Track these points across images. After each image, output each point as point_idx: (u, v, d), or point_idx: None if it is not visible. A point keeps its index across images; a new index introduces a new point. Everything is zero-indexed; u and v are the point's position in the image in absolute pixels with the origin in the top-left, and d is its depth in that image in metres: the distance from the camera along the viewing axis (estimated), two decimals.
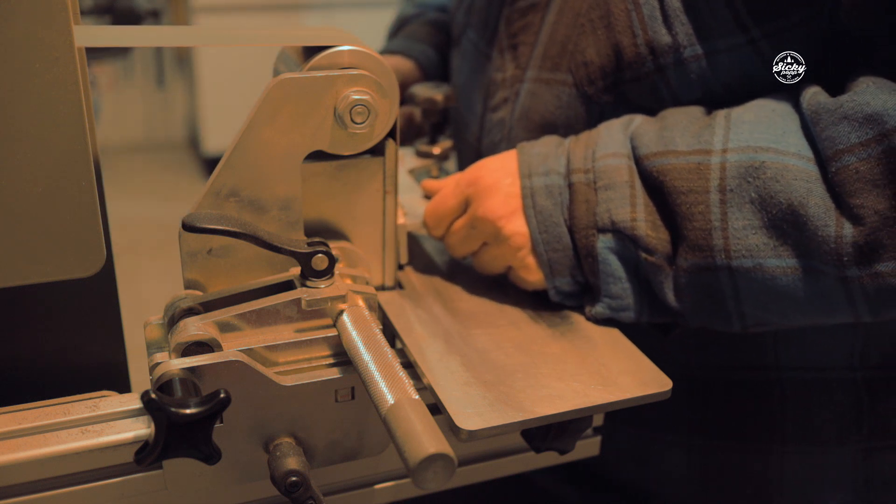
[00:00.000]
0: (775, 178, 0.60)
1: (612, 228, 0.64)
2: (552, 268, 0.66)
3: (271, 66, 0.69)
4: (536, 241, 0.66)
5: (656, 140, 0.65)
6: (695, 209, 0.62)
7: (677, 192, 0.63)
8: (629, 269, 0.65)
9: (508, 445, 0.67)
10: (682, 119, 0.66)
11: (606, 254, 0.65)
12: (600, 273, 0.65)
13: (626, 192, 0.64)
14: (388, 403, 0.48)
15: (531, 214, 0.66)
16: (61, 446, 0.52)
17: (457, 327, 0.65)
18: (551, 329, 0.65)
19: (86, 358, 0.61)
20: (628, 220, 0.64)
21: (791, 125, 0.62)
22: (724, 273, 0.62)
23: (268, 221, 0.61)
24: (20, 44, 0.46)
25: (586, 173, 0.66)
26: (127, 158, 3.81)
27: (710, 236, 0.61)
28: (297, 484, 0.52)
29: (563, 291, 0.67)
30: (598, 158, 0.66)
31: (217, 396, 0.48)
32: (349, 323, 0.56)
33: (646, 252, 0.64)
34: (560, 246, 0.66)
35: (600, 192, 0.65)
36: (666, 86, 0.68)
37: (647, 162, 0.64)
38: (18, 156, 0.48)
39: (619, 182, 0.65)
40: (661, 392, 0.58)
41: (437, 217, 0.71)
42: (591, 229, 0.65)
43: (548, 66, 0.75)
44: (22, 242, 0.50)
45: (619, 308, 0.66)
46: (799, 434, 0.75)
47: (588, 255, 0.65)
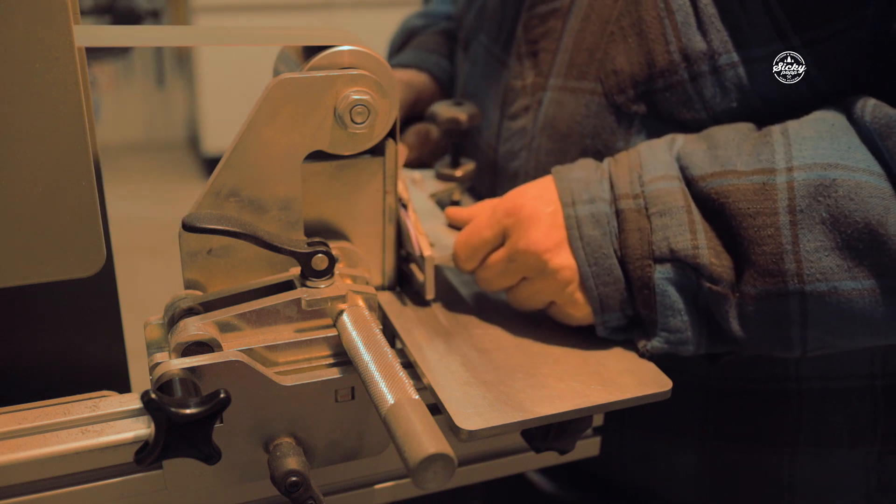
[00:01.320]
0: (849, 196, 0.57)
1: (672, 258, 0.61)
2: (602, 303, 0.63)
3: (271, 66, 0.69)
4: (586, 275, 0.62)
5: (710, 160, 0.62)
6: (763, 232, 0.59)
7: (742, 215, 0.59)
8: (688, 301, 0.62)
9: (508, 445, 0.67)
10: (733, 136, 0.63)
11: (665, 285, 0.61)
12: (657, 306, 0.61)
13: (684, 217, 0.61)
14: (388, 403, 0.48)
15: (578, 246, 0.62)
16: (61, 446, 0.52)
17: (457, 327, 0.65)
18: (551, 329, 0.65)
19: (86, 358, 0.61)
20: (689, 249, 0.60)
21: (853, 140, 0.59)
22: (796, 299, 0.59)
23: (268, 221, 0.61)
24: (20, 44, 0.46)
25: (636, 199, 0.62)
26: (127, 158, 3.81)
27: (782, 260, 0.58)
28: (297, 484, 0.52)
29: (611, 326, 0.64)
30: (646, 182, 0.62)
31: (217, 396, 0.48)
32: (349, 323, 0.56)
33: (710, 281, 0.60)
34: (611, 279, 0.62)
35: (654, 218, 0.61)
36: (699, 95, 0.65)
37: (702, 183, 0.61)
38: (18, 156, 0.48)
39: (674, 207, 0.61)
40: (660, 392, 0.58)
41: (472, 249, 0.66)
42: (647, 259, 0.61)
43: (574, 74, 0.72)
44: (22, 242, 0.50)
45: (678, 342, 0.62)
46: (812, 438, 0.74)
47: (644, 287, 0.61)
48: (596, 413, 0.57)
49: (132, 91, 3.93)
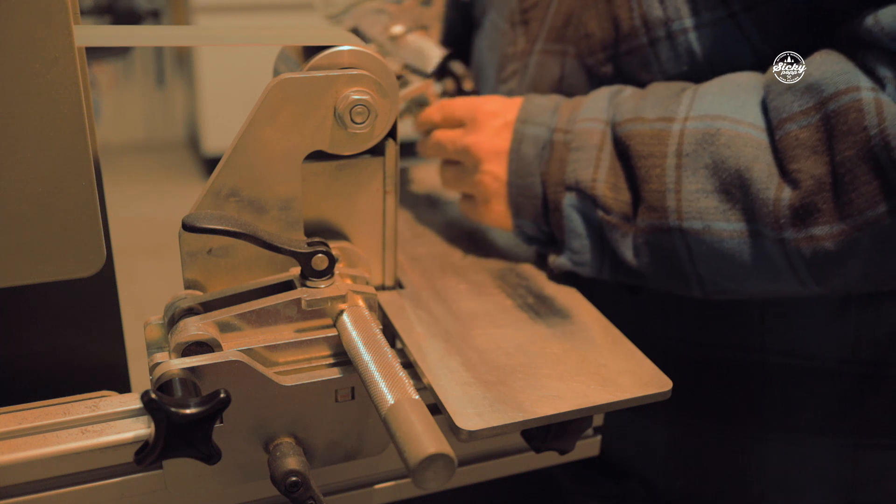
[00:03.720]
0: (727, 144, 0.63)
1: (576, 187, 0.69)
2: (518, 209, 0.72)
3: (271, 66, 0.69)
4: (510, 184, 0.72)
5: (631, 109, 0.69)
6: (652, 172, 0.66)
7: (638, 156, 0.66)
8: (590, 228, 0.70)
9: (508, 445, 0.67)
10: (662, 91, 0.69)
11: (570, 210, 0.69)
12: (564, 228, 0.70)
13: (593, 154, 0.69)
14: (388, 403, 0.48)
15: (513, 158, 0.72)
16: (61, 446, 0.52)
17: (457, 327, 0.65)
18: (551, 329, 0.65)
19: (86, 358, 0.61)
20: (589, 181, 0.68)
21: (752, 98, 0.65)
22: (678, 234, 0.65)
23: (268, 221, 0.61)
24: (20, 44, 0.46)
25: (566, 133, 0.71)
26: (127, 158, 3.81)
27: (665, 198, 0.65)
28: (297, 484, 0.52)
29: (525, 233, 0.73)
30: (577, 121, 0.70)
31: (217, 396, 0.48)
32: (349, 323, 0.56)
33: (603, 211, 0.68)
34: (530, 194, 0.71)
35: (572, 152, 0.70)
36: (656, 59, 0.71)
37: (618, 128, 0.69)
38: (18, 155, 0.48)
39: (588, 145, 0.69)
40: (661, 392, 0.58)
41: (441, 115, 0.77)
42: (560, 186, 0.70)
43: (553, 37, 0.78)
44: (22, 242, 0.50)
45: (579, 262, 0.70)
46: (779, 422, 0.76)
47: (555, 209, 0.70)
48: (596, 413, 0.57)
49: (132, 91, 3.92)
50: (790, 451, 0.77)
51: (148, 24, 3.55)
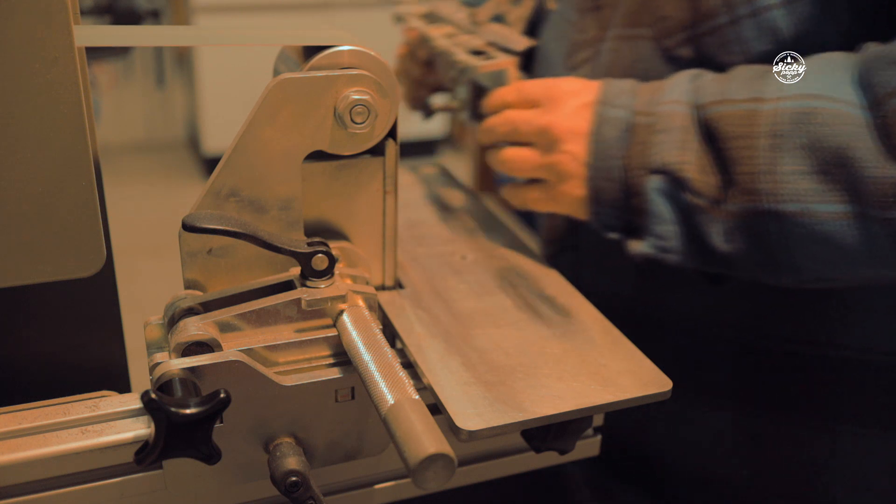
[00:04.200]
0: (825, 122, 0.60)
1: (663, 170, 0.66)
2: (598, 194, 0.69)
3: (271, 66, 0.69)
4: (591, 167, 0.69)
5: (716, 91, 0.67)
6: (743, 153, 0.63)
7: (728, 138, 0.64)
8: (677, 213, 0.67)
9: (508, 445, 0.67)
10: (746, 73, 0.67)
11: (655, 195, 0.67)
12: (647, 213, 0.67)
13: (679, 136, 0.66)
14: (388, 403, 0.48)
15: (594, 141, 0.69)
16: (61, 446, 0.52)
17: (457, 327, 0.65)
18: (551, 329, 0.65)
19: (86, 358, 0.61)
20: (677, 163, 0.66)
21: (846, 76, 0.62)
22: (772, 218, 0.62)
23: (268, 221, 0.61)
24: (20, 44, 0.46)
25: (648, 116, 0.68)
26: (127, 158, 3.81)
27: (758, 180, 0.62)
28: (297, 484, 0.52)
29: (603, 221, 0.70)
30: (659, 104, 0.68)
31: (217, 396, 0.48)
32: (349, 323, 0.56)
33: (692, 194, 0.65)
34: (610, 177, 0.68)
35: (657, 135, 0.67)
36: (738, 38, 0.69)
37: (703, 110, 0.66)
38: (18, 155, 0.48)
39: (674, 127, 0.67)
40: (661, 392, 0.58)
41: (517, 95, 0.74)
42: (643, 169, 0.67)
43: (628, 22, 0.77)
44: (22, 242, 0.50)
45: (665, 249, 0.67)
46: (853, 415, 0.75)
47: (637, 193, 0.67)
48: (596, 413, 0.57)
49: (132, 91, 3.93)
50: (861, 445, 0.76)
51: (148, 24, 3.54)
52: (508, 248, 0.79)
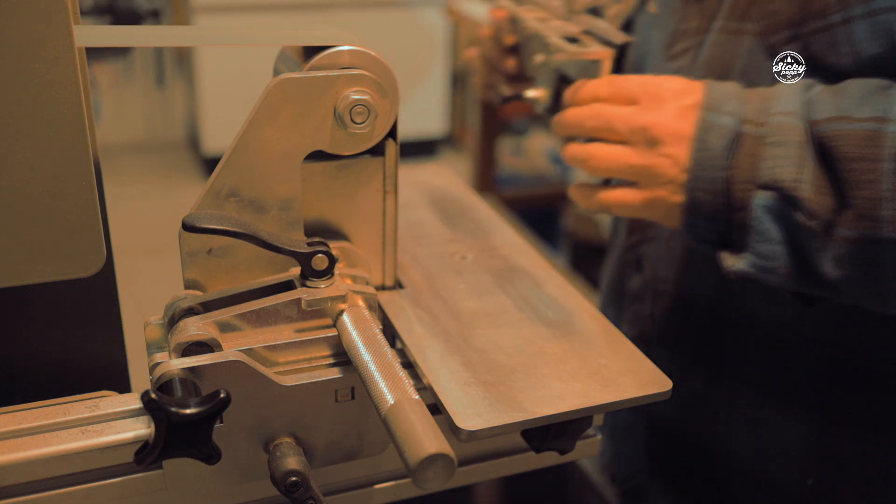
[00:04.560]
0: None
1: (774, 187, 0.63)
2: (695, 206, 0.66)
3: (271, 66, 0.69)
4: (692, 177, 0.65)
5: (831, 106, 0.63)
6: (864, 177, 0.60)
7: (847, 159, 0.61)
8: (783, 232, 0.63)
9: (508, 445, 0.67)
10: (860, 88, 0.64)
11: (762, 212, 0.63)
12: (751, 230, 0.64)
13: (796, 152, 0.63)
14: (388, 403, 0.48)
15: (698, 148, 0.65)
16: (61, 446, 0.52)
17: (457, 327, 0.65)
18: (551, 329, 0.65)
19: (86, 358, 0.61)
20: (791, 181, 0.62)
21: None
22: (890, 247, 0.59)
23: (268, 221, 0.61)
24: (20, 44, 0.46)
25: (758, 126, 0.65)
26: (127, 158, 3.81)
27: (879, 206, 0.59)
28: (297, 484, 0.52)
29: (697, 234, 0.67)
30: (773, 114, 0.65)
31: (217, 396, 0.48)
32: (349, 323, 0.56)
33: (805, 216, 0.62)
34: (712, 189, 0.65)
35: (769, 148, 0.64)
36: (849, 39, 0.66)
37: (817, 127, 0.63)
38: (18, 155, 0.48)
39: (791, 141, 0.63)
40: (661, 392, 0.58)
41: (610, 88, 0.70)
42: (751, 184, 0.63)
43: (736, 15, 0.74)
44: (22, 242, 0.50)
45: (766, 269, 0.64)
46: None
47: (741, 208, 0.64)
48: (596, 413, 0.57)
49: (132, 91, 3.93)
50: None
51: (148, 24, 3.55)
52: (508, 248, 0.79)
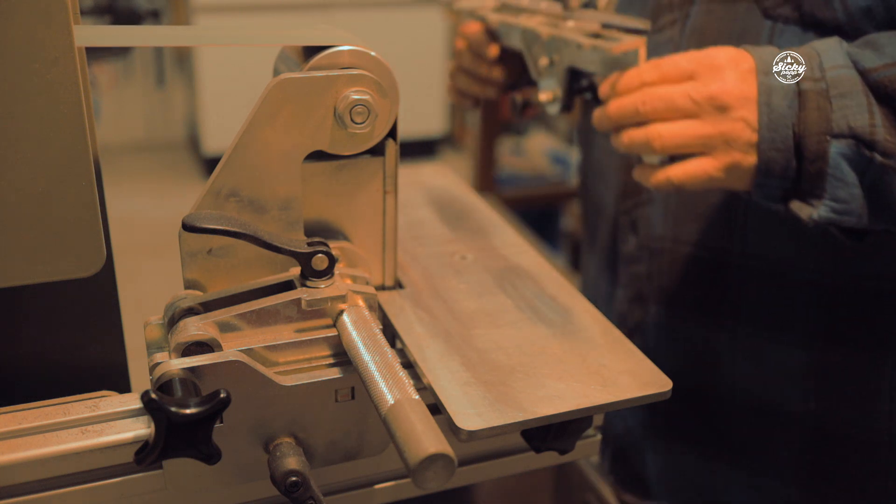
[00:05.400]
0: None
1: (850, 134, 0.66)
2: (769, 167, 0.68)
3: (271, 66, 0.69)
4: (763, 139, 0.68)
5: (878, 56, 0.67)
6: None
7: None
8: (860, 176, 0.67)
9: (508, 445, 0.67)
10: (894, 38, 0.67)
11: (839, 159, 0.66)
12: (829, 177, 0.67)
13: (864, 100, 0.66)
14: (388, 403, 0.48)
15: (765, 111, 0.68)
16: (61, 446, 0.52)
17: (457, 327, 0.65)
18: (551, 329, 0.65)
19: (86, 358, 0.61)
20: (867, 126, 0.66)
21: None
22: None
23: (268, 221, 0.61)
24: (20, 44, 0.46)
25: (817, 81, 0.67)
26: (127, 158, 3.81)
27: None
28: (297, 484, 0.52)
29: (766, 192, 0.70)
30: (827, 69, 0.68)
31: (217, 396, 0.48)
32: (349, 323, 0.56)
33: (883, 156, 0.65)
34: (783, 147, 0.68)
35: (835, 100, 0.67)
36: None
37: (874, 74, 0.66)
38: (18, 155, 0.48)
39: (854, 91, 0.66)
40: (661, 392, 0.58)
41: (658, 70, 0.71)
42: (825, 135, 0.66)
43: None
44: (22, 242, 0.50)
45: (844, 212, 0.68)
46: None
47: (818, 159, 0.67)
48: (596, 413, 0.57)
49: (132, 91, 3.93)
50: None
51: (148, 24, 3.55)
52: (508, 248, 0.79)
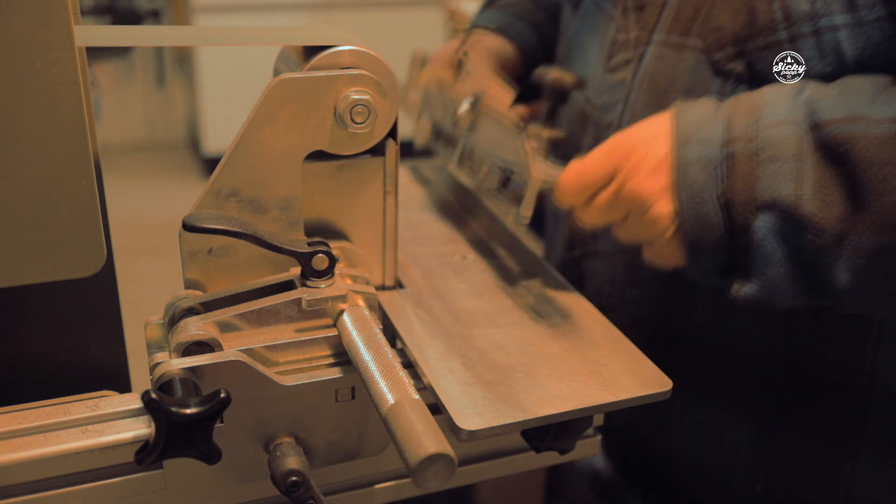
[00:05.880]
0: None
1: (774, 206, 0.60)
2: (694, 247, 0.63)
3: (271, 66, 0.69)
4: (683, 219, 0.63)
5: (841, 105, 0.60)
6: (888, 183, 0.57)
7: (867, 164, 0.57)
8: (790, 251, 0.60)
9: (508, 445, 0.67)
10: (868, 85, 0.61)
11: (765, 234, 0.60)
12: (756, 255, 0.61)
13: (793, 166, 0.59)
14: (388, 403, 0.48)
15: (682, 188, 0.63)
16: (61, 446, 0.52)
17: (457, 327, 0.65)
18: (551, 329, 0.65)
19: (86, 358, 0.61)
20: (792, 197, 0.59)
21: None
22: None
23: (268, 221, 0.61)
24: (20, 44, 0.46)
25: (749, 142, 0.61)
26: (127, 158, 3.81)
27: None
28: (297, 484, 0.52)
29: (702, 269, 0.64)
30: (763, 127, 0.61)
31: (217, 396, 0.48)
32: (349, 323, 0.56)
33: (812, 233, 0.59)
34: (707, 225, 0.62)
35: (763, 165, 0.60)
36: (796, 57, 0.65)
37: (830, 128, 0.59)
38: (18, 155, 0.48)
39: (785, 155, 0.60)
40: (661, 392, 0.58)
41: (582, 186, 0.67)
42: (751, 206, 0.60)
43: (678, 29, 0.73)
44: (22, 242, 0.50)
45: (774, 292, 0.62)
46: (878, 444, 0.73)
47: (744, 232, 0.61)
48: (596, 413, 0.57)
49: (132, 91, 3.93)
50: (882, 474, 0.73)
51: (148, 24, 3.55)
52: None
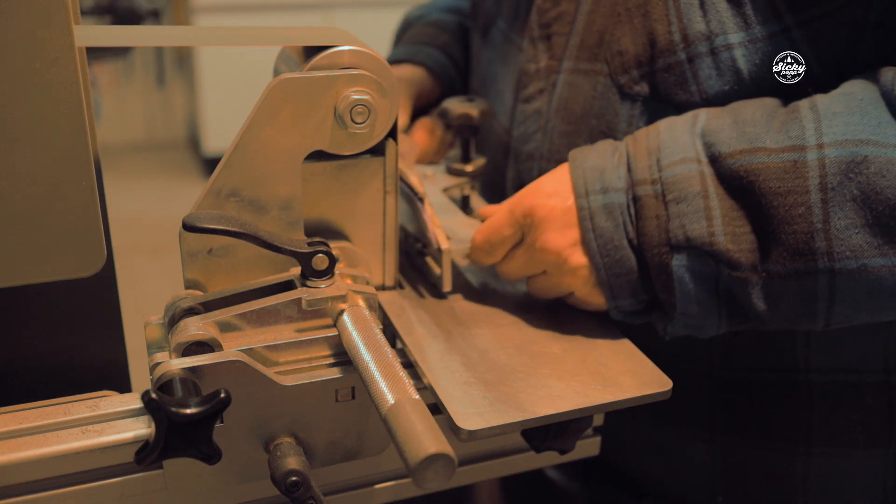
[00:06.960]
0: (880, 172, 0.56)
1: (688, 245, 0.61)
2: (613, 291, 0.64)
3: (271, 66, 0.69)
4: (598, 267, 0.63)
5: (737, 136, 0.61)
6: (794, 211, 0.58)
7: (773, 194, 0.58)
8: (708, 286, 0.62)
9: (508, 445, 0.67)
10: (760, 112, 0.62)
11: (682, 273, 0.61)
12: (676, 293, 0.62)
13: (700, 203, 0.60)
14: (388, 403, 0.48)
15: (591, 238, 0.63)
16: (61, 446, 0.52)
17: (457, 327, 0.65)
18: (551, 329, 0.65)
19: (86, 358, 0.61)
20: (706, 236, 0.60)
21: (884, 115, 0.58)
22: (825, 277, 0.58)
23: (268, 221, 0.61)
24: (20, 44, 0.46)
25: (654, 184, 0.62)
26: (127, 158, 3.81)
27: (812, 239, 0.58)
28: (297, 484, 0.52)
29: (624, 311, 0.65)
30: (664, 167, 0.62)
31: (217, 396, 0.48)
32: (349, 323, 0.56)
33: (729, 267, 0.60)
34: (623, 270, 0.63)
35: (671, 205, 0.61)
36: (695, 77, 0.66)
37: (730, 161, 0.60)
38: (18, 155, 0.48)
39: (691, 193, 0.61)
40: (661, 392, 0.58)
41: (491, 246, 0.67)
42: (665, 247, 0.61)
43: (585, 56, 0.73)
44: (22, 242, 0.50)
45: (698, 326, 0.63)
46: (826, 436, 0.73)
47: (662, 273, 0.62)
48: (596, 413, 0.57)
49: (132, 91, 3.93)
50: (834, 465, 0.74)
51: (148, 24, 3.55)
52: None
